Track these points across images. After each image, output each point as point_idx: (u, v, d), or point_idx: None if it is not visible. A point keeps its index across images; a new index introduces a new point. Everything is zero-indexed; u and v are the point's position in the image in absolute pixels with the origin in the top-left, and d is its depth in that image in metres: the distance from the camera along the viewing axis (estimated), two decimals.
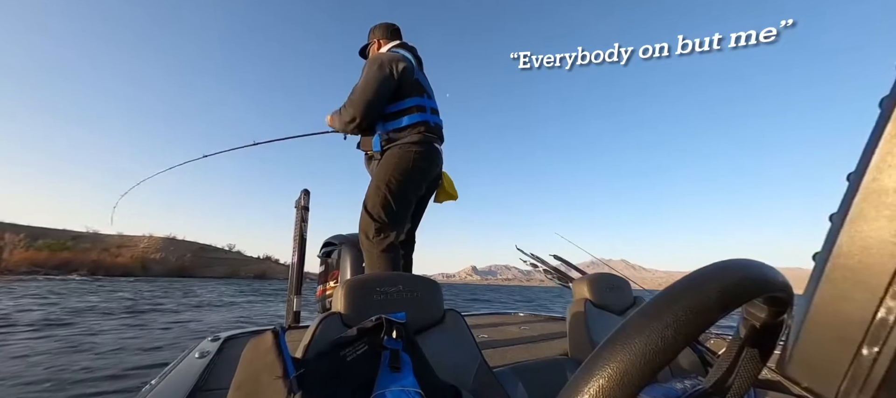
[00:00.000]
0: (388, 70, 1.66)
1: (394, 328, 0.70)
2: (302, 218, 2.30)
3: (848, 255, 0.14)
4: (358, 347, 0.66)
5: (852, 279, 0.14)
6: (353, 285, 0.88)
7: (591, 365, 0.18)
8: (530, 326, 2.22)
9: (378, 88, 1.64)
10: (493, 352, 1.55)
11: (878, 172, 0.13)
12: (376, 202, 1.63)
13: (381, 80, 1.64)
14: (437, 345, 0.88)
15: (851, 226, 0.14)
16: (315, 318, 0.83)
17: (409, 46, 1.88)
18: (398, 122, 1.70)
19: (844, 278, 0.14)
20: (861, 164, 0.14)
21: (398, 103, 1.70)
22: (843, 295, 0.14)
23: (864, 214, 0.14)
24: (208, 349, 1.38)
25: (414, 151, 1.67)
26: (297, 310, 2.17)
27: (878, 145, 0.14)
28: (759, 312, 0.25)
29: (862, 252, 0.13)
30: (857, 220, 0.14)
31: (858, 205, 0.14)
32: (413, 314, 0.83)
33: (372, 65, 1.68)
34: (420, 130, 1.70)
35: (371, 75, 1.65)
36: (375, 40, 1.93)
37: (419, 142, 1.69)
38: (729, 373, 0.26)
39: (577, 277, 1.97)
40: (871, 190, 0.14)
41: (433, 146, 1.76)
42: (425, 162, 1.71)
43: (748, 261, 0.23)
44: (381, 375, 0.64)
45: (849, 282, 0.14)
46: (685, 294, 0.20)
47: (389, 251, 1.62)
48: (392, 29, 1.94)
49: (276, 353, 0.51)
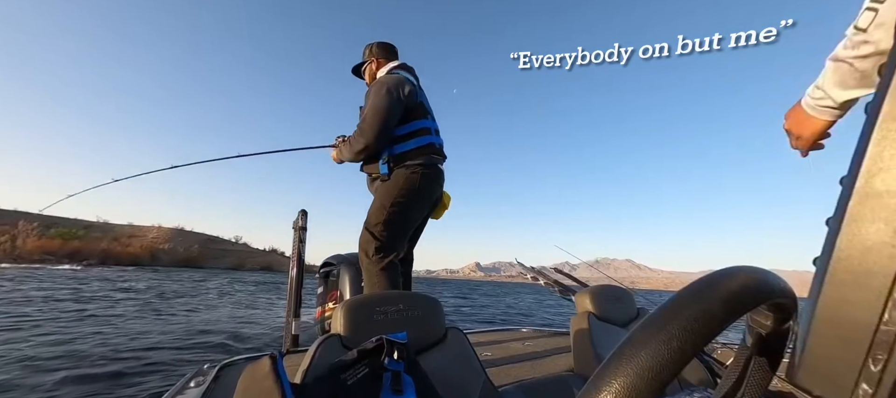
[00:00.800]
0: (397, 95, 1.65)
1: (395, 349, 0.69)
2: (300, 239, 2.28)
3: (848, 259, 0.14)
4: (358, 370, 0.64)
5: (854, 283, 0.14)
6: (353, 306, 0.87)
7: (598, 381, 0.18)
8: (534, 342, 2.18)
9: (389, 115, 1.62)
10: (498, 371, 1.51)
11: (869, 176, 0.14)
12: (379, 221, 1.62)
13: (391, 106, 1.62)
14: (440, 364, 0.86)
15: (848, 230, 0.14)
16: (314, 341, 0.81)
17: (408, 67, 1.89)
18: (405, 145, 1.69)
19: (846, 282, 0.14)
20: (852, 168, 0.14)
21: (404, 126, 1.70)
22: (846, 299, 0.14)
23: (859, 217, 0.14)
24: (204, 377, 1.34)
25: (420, 173, 1.67)
26: (295, 333, 2.13)
27: (867, 150, 0.14)
28: (764, 320, 0.24)
29: (861, 255, 0.13)
30: (853, 224, 0.14)
31: (853, 209, 0.14)
32: (414, 333, 0.81)
33: (379, 91, 1.66)
34: (426, 152, 1.71)
35: (380, 102, 1.62)
36: (373, 60, 1.90)
37: (425, 164, 1.69)
38: (738, 384, 0.26)
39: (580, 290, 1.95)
40: (864, 193, 0.14)
41: (437, 168, 1.77)
42: (430, 183, 1.72)
43: (750, 267, 0.23)
44: None
45: (851, 285, 0.14)
46: (689, 304, 0.20)
47: (389, 269, 1.61)
48: (388, 47, 1.93)
49: (273, 379, 0.50)
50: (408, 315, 0.91)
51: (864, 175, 0.14)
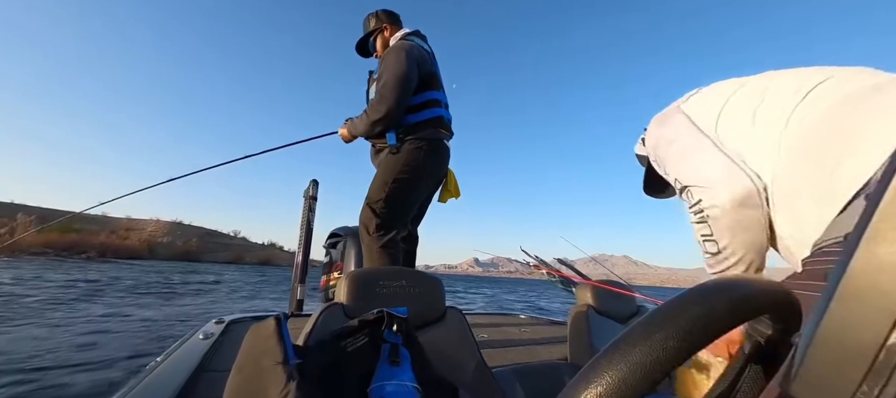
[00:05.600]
0: (415, 60, 1.56)
1: (395, 322, 0.70)
2: (309, 207, 2.32)
3: (860, 277, 0.13)
4: (358, 339, 0.66)
5: (865, 302, 0.13)
6: (357, 277, 0.89)
7: (590, 371, 0.18)
8: (531, 329, 2.21)
9: (409, 80, 1.53)
10: (493, 353, 1.55)
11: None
12: (380, 197, 1.58)
13: (411, 71, 1.53)
14: (437, 341, 0.88)
15: (867, 248, 0.13)
16: (318, 308, 0.84)
17: (422, 35, 1.78)
18: (416, 116, 1.61)
19: (857, 300, 0.13)
20: (881, 184, 0.14)
21: (417, 96, 1.61)
22: (854, 317, 0.13)
23: (881, 236, 0.13)
24: (212, 331, 1.41)
25: (426, 148, 1.61)
26: (300, 298, 2.20)
27: None
28: (765, 329, 0.24)
29: (876, 274, 0.13)
30: (873, 242, 0.13)
31: (875, 226, 0.13)
32: (415, 310, 0.83)
33: (398, 54, 1.55)
34: (435, 126, 1.65)
35: (400, 67, 1.51)
36: (384, 26, 1.78)
37: (433, 138, 1.64)
38: (730, 389, 0.26)
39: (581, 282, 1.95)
40: (890, 211, 0.13)
41: (444, 143, 1.72)
42: (436, 159, 1.67)
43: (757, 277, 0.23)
44: (380, 368, 0.64)
45: (860, 304, 0.13)
46: (692, 305, 0.19)
47: (389, 247, 1.58)
48: (394, 15, 1.82)
49: (277, 339, 0.52)
50: (410, 291, 0.93)
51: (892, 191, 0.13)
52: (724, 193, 0.61)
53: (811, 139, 0.51)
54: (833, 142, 0.48)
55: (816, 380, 0.14)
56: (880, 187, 0.13)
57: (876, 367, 0.12)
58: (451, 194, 1.90)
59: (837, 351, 0.14)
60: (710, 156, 0.64)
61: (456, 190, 1.90)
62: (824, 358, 0.14)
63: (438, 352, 0.82)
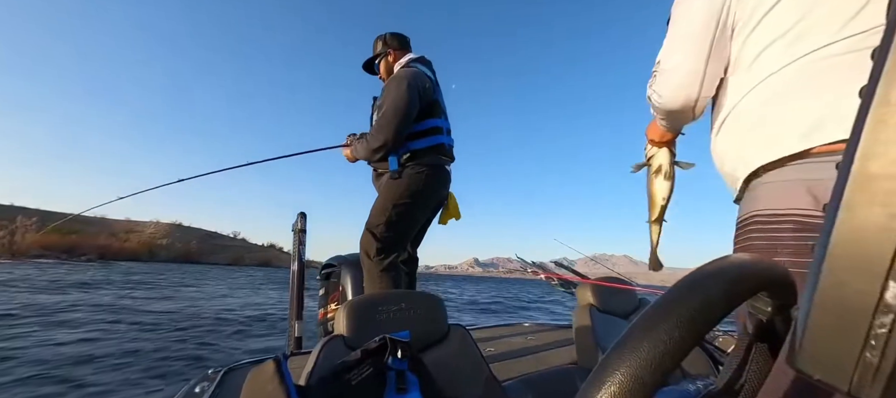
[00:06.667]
0: (417, 90, 1.58)
1: (398, 348, 0.69)
2: (299, 241, 2.27)
3: (844, 244, 0.14)
4: (363, 370, 0.64)
5: (851, 268, 0.14)
6: (355, 306, 0.87)
7: (601, 372, 0.18)
8: (536, 336, 2.19)
9: (409, 111, 1.55)
10: (501, 366, 1.52)
11: (864, 160, 0.14)
12: (381, 221, 1.59)
13: (411, 103, 1.56)
14: (443, 361, 0.86)
15: (845, 215, 0.14)
16: (317, 343, 0.82)
17: (426, 60, 1.80)
18: (416, 143, 1.65)
19: (843, 267, 0.14)
20: (847, 153, 0.14)
21: (418, 124, 1.64)
22: (844, 283, 0.14)
23: (855, 202, 0.14)
24: (208, 383, 1.34)
25: (427, 174, 1.64)
26: (299, 335, 2.13)
27: (862, 134, 0.14)
28: (764, 306, 0.25)
29: (858, 240, 0.13)
30: (849, 209, 0.14)
31: (849, 194, 0.14)
32: (417, 331, 0.81)
33: (399, 85, 1.58)
34: (436, 152, 1.68)
35: (401, 99, 1.55)
36: (389, 52, 1.80)
37: (434, 165, 1.67)
38: (740, 370, 0.26)
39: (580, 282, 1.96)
40: (860, 178, 0.14)
41: (445, 169, 1.74)
42: (437, 184, 1.69)
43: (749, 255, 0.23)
44: (388, 397, 0.62)
45: (848, 269, 0.14)
46: (689, 293, 0.20)
47: (391, 270, 1.59)
48: (402, 38, 1.84)
49: (278, 382, 0.50)
50: (410, 314, 0.91)
51: (860, 159, 0.14)
52: (669, 98, 0.65)
53: (782, 88, 0.52)
54: (797, 95, 0.50)
55: (818, 351, 0.15)
56: (848, 157, 0.14)
57: (873, 330, 0.13)
58: (451, 215, 1.90)
59: (833, 319, 0.14)
60: (689, 48, 0.59)
61: (456, 212, 1.90)
62: (821, 327, 0.15)
63: (445, 372, 0.80)
